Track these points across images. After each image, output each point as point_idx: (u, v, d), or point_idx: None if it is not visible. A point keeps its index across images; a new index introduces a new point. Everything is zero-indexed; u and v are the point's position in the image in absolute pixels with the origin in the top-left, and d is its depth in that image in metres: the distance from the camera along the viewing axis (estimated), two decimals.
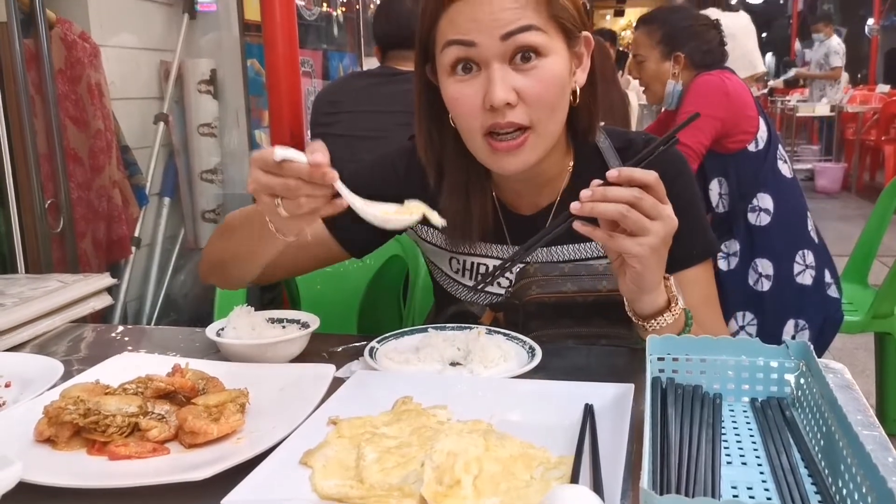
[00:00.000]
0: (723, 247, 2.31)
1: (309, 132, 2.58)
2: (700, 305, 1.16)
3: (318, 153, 0.89)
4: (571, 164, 1.21)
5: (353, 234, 1.26)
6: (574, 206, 0.93)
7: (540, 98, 1.04)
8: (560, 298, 1.18)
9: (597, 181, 0.94)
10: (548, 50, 1.04)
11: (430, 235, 1.28)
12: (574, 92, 1.12)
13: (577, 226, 0.94)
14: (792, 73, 9.97)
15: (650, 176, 0.92)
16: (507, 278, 1.22)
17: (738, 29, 3.83)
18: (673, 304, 1.01)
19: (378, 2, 4.87)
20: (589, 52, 1.13)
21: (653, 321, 1.01)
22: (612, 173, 0.92)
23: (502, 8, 1.01)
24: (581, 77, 1.12)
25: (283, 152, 0.89)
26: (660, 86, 2.49)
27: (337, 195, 0.92)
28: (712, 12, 3.64)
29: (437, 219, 0.95)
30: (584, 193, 0.92)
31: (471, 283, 1.25)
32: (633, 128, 3.92)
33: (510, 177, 1.18)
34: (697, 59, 2.41)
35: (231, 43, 3.31)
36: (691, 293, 1.16)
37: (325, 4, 4.36)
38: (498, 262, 1.22)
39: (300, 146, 2.36)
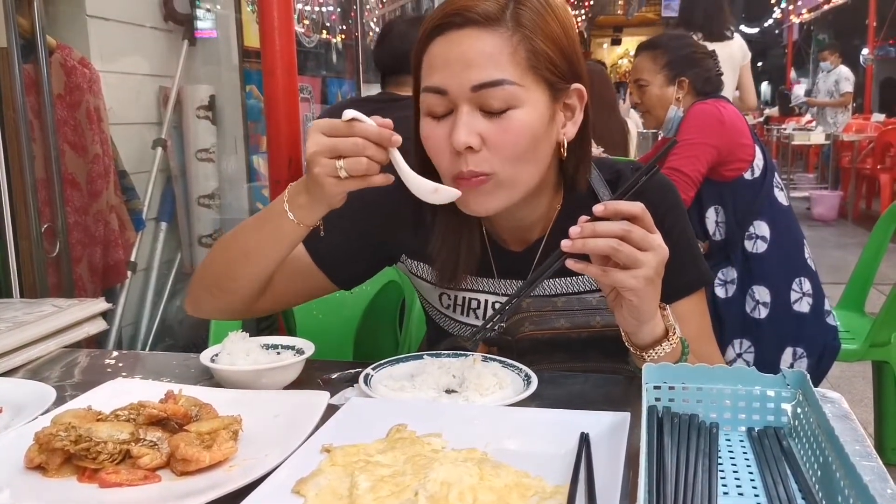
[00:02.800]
0: (720, 274, 2.31)
1: (307, 158, 2.59)
2: (694, 339, 1.14)
3: (381, 119, 0.97)
4: (560, 203, 1.18)
5: (341, 269, 1.25)
6: (565, 244, 0.92)
7: (504, 146, 1.02)
8: (554, 335, 1.17)
9: (584, 217, 0.93)
10: (521, 101, 1.01)
11: (420, 270, 1.27)
12: (560, 144, 1.09)
13: (570, 263, 0.94)
14: (803, 100, 9.94)
15: (637, 207, 0.92)
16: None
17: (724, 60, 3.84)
18: (671, 333, 1.00)
19: (377, 29, 4.92)
20: (582, 106, 1.09)
21: (651, 351, 1.00)
22: (598, 208, 0.92)
23: (474, 50, 1.00)
24: (571, 130, 1.09)
25: (352, 113, 0.96)
26: (661, 111, 2.49)
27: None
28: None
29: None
30: (574, 230, 0.92)
31: (462, 318, 1.24)
32: (632, 155, 3.92)
33: (494, 217, 1.17)
34: (699, 85, 2.43)
35: (230, 69, 3.33)
36: (685, 326, 1.13)
37: (324, 32, 4.39)
38: (487, 297, 1.21)
39: (298, 172, 2.37)
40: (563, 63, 1.05)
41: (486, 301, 1.22)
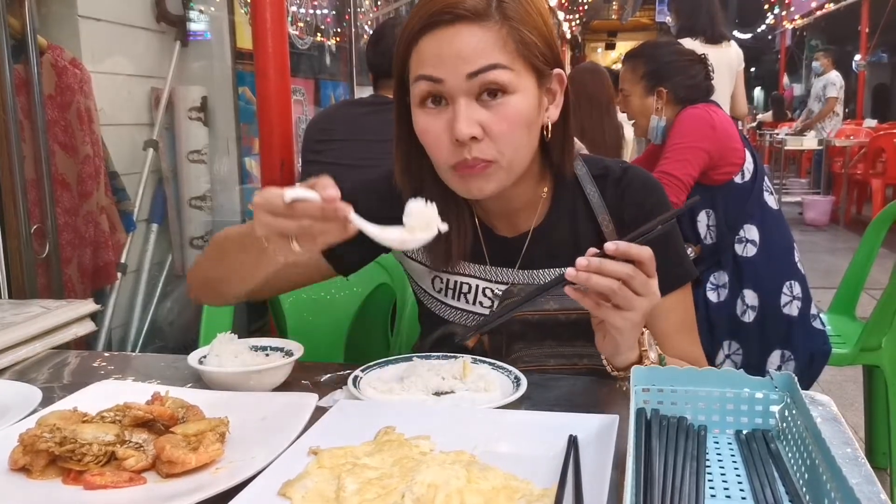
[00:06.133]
0: (712, 278, 2.31)
1: (299, 160, 2.58)
2: (674, 333, 1.20)
3: (330, 188, 0.89)
4: (547, 190, 1.22)
5: (342, 254, 1.26)
6: (570, 273, 0.94)
7: (505, 134, 1.06)
8: (543, 316, 1.20)
9: (593, 249, 0.95)
10: (515, 87, 1.05)
11: (414, 254, 1.29)
12: (546, 127, 1.13)
13: (568, 290, 0.97)
14: (800, 127, 9.73)
15: (645, 253, 0.94)
16: (490, 298, 1.23)
17: (712, 65, 3.79)
18: (644, 360, 1.04)
19: (371, 32, 4.92)
20: (563, 89, 1.14)
21: (625, 372, 1.04)
22: (609, 246, 0.93)
23: (468, 45, 1.02)
24: (554, 113, 1.14)
25: (292, 193, 0.88)
26: (645, 120, 2.51)
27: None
28: (696, 46, 3.65)
29: (443, 226, 0.96)
30: (581, 262, 0.93)
31: (453, 303, 1.26)
32: (627, 160, 3.91)
33: (482, 200, 1.21)
34: (682, 93, 2.43)
35: (223, 71, 3.32)
36: (667, 320, 1.19)
37: (318, 34, 4.39)
38: (478, 283, 1.25)
39: (290, 174, 2.36)
40: (547, 49, 1.09)
41: (478, 286, 1.24)
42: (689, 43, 3.68)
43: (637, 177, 1.23)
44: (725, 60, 3.84)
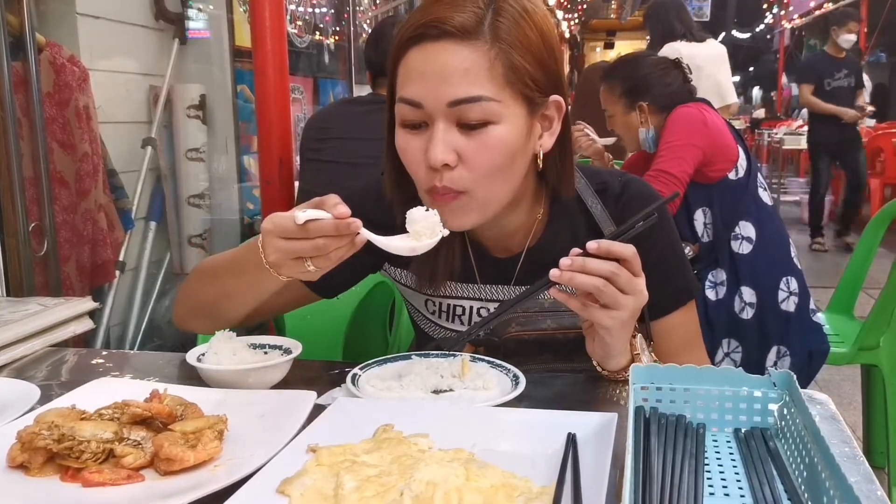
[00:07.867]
0: (710, 276, 2.31)
1: (298, 158, 2.58)
2: (679, 352, 1.17)
3: (340, 205, 0.90)
4: (543, 212, 1.17)
5: (324, 280, 1.20)
6: (553, 274, 0.94)
7: (481, 163, 1.00)
8: (540, 335, 1.17)
9: (576, 249, 0.94)
10: (499, 117, 0.99)
11: (403, 277, 1.26)
12: (537, 156, 1.08)
13: (554, 292, 0.96)
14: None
15: (628, 250, 0.94)
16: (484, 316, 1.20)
17: (705, 59, 3.78)
18: (637, 363, 1.03)
19: (369, 30, 4.92)
20: (560, 117, 1.08)
21: (616, 375, 1.05)
22: (591, 245, 0.93)
23: (453, 69, 0.97)
24: (548, 141, 1.08)
25: (304, 214, 0.90)
26: (632, 135, 2.51)
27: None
28: (682, 46, 3.67)
29: (445, 231, 0.97)
30: (564, 262, 0.93)
31: (447, 324, 1.24)
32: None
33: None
34: (663, 102, 2.42)
35: (221, 69, 3.32)
36: (671, 339, 1.18)
37: (317, 32, 4.39)
38: (472, 304, 1.22)
39: (289, 172, 2.35)
40: (541, 76, 1.03)
41: (472, 307, 1.22)
42: (676, 45, 3.71)
43: (637, 192, 1.18)
44: (719, 52, 3.86)
